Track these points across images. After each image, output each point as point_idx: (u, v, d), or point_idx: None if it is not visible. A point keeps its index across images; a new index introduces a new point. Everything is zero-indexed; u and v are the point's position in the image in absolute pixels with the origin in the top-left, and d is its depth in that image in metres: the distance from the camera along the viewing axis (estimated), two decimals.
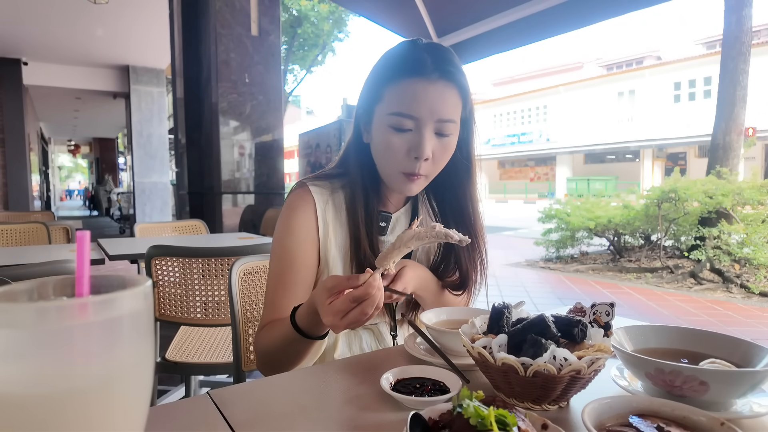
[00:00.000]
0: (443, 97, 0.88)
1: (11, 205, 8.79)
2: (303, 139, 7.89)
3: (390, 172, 0.94)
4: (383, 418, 0.59)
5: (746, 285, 4.81)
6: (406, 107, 0.88)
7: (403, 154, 0.90)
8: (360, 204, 0.97)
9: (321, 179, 1.04)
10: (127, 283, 0.37)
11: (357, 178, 0.99)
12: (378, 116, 0.92)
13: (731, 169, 5.97)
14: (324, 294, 0.75)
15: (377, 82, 0.93)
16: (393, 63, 0.92)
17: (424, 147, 0.88)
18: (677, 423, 0.50)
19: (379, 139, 0.93)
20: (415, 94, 0.87)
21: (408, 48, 0.92)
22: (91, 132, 18.97)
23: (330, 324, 0.74)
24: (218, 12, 4.30)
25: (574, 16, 2.21)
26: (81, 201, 30.86)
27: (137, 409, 0.38)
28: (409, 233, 0.75)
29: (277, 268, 0.97)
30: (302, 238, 0.97)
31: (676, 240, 6.06)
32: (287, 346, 0.86)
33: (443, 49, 0.92)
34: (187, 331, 1.98)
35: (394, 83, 0.89)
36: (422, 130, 0.88)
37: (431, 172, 0.94)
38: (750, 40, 6.01)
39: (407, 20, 2.85)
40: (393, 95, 0.89)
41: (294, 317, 0.84)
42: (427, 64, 0.88)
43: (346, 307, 0.72)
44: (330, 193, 1.02)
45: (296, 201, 1.00)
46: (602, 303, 0.73)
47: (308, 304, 0.81)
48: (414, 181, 0.92)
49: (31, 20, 6.81)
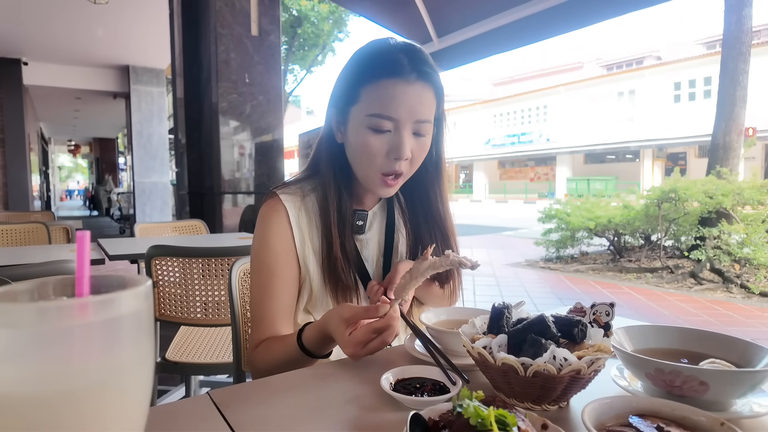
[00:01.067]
0: (421, 98, 0.88)
1: (11, 205, 8.79)
2: (303, 139, 7.90)
3: (367, 173, 0.93)
4: (383, 418, 0.59)
5: (746, 285, 4.81)
6: (384, 108, 0.87)
7: (382, 156, 0.90)
8: (333, 204, 0.97)
9: (290, 185, 1.02)
10: (127, 283, 0.38)
11: (329, 178, 0.97)
12: (354, 117, 0.91)
13: (731, 169, 5.97)
14: (342, 325, 0.76)
15: (352, 82, 0.92)
16: (369, 63, 0.91)
17: (403, 148, 0.88)
18: (677, 423, 0.50)
19: (357, 140, 0.92)
20: (394, 95, 0.87)
21: (383, 48, 0.91)
22: (91, 132, 18.97)
23: (351, 354, 0.75)
24: (218, 12, 4.30)
25: (574, 17, 2.21)
26: (81, 201, 30.87)
27: (137, 409, 0.38)
28: (426, 264, 0.76)
29: (259, 282, 0.96)
30: (279, 250, 0.96)
31: (676, 240, 6.06)
32: (291, 364, 0.86)
33: (418, 50, 0.91)
34: (187, 331, 1.98)
35: (371, 84, 0.88)
36: (401, 131, 0.88)
37: (408, 172, 0.94)
38: (750, 40, 6.01)
39: (407, 20, 2.85)
40: (370, 96, 0.89)
41: (301, 338, 0.84)
42: (404, 64, 0.87)
43: (368, 338, 0.74)
44: (301, 199, 1.00)
45: (268, 213, 0.98)
46: (602, 303, 0.73)
47: (318, 328, 0.82)
48: (391, 184, 0.93)
49: (31, 20, 6.81)
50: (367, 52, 0.93)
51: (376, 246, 1.05)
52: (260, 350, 0.93)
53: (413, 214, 1.05)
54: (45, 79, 9.19)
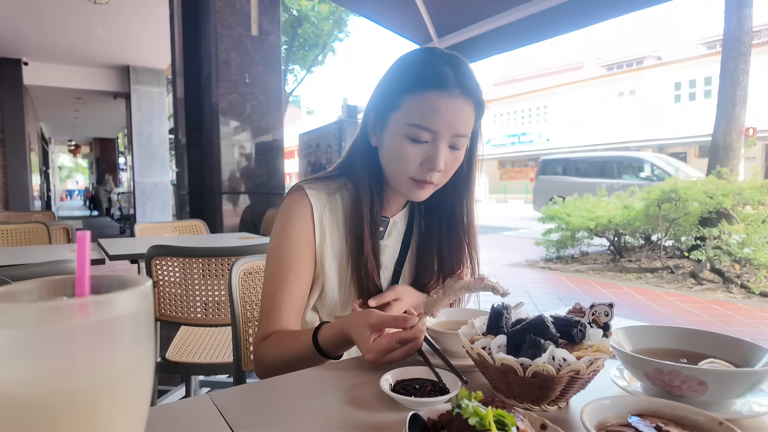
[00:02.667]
0: (462, 113, 0.89)
1: (11, 205, 8.80)
2: (303, 139, 7.89)
3: (400, 178, 0.94)
4: (383, 419, 0.60)
5: (746, 285, 4.81)
6: (425, 120, 0.88)
7: (416, 164, 0.91)
8: (366, 207, 0.97)
9: (318, 182, 1.03)
10: (127, 283, 0.38)
11: (363, 180, 0.98)
12: (393, 124, 0.92)
13: (731, 169, 5.97)
14: (366, 330, 0.76)
15: (394, 89, 0.92)
16: (413, 72, 0.91)
17: (439, 159, 0.89)
18: (676, 423, 0.51)
19: (393, 147, 0.93)
20: (436, 108, 0.87)
21: (428, 58, 0.91)
22: (91, 132, 18.97)
23: (372, 360, 0.75)
24: (218, 12, 4.30)
25: (574, 17, 2.21)
26: (81, 201, 30.87)
27: (137, 409, 0.38)
28: (460, 284, 0.77)
29: (275, 274, 0.96)
30: (300, 244, 0.96)
31: (677, 240, 6.06)
32: (300, 362, 0.85)
33: (463, 63, 0.92)
34: (187, 331, 1.98)
35: (413, 94, 0.89)
36: (438, 144, 0.89)
37: (440, 182, 0.95)
38: (750, 40, 6.01)
39: (407, 20, 2.85)
40: (412, 106, 0.89)
41: (316, 337, 0.84)
42: (449, 78, 0.87)
43: (391, 347, 0.74)
44: (327, 197, 1.00)
45: (293, 206, 0.99)
46: (601, 303, 0.73)
47: (337, 330, 0.82)
48: (424, 188, 0.94)
49: (32, 20, 6.81)
50: (412, 61, 0.93)
51: (391, 254, 1.05)
52: (269, 343, 0.92)
53: (435, 225, 1.05)
54: (45, 79, 9.20)
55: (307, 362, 0.84)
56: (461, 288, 0.76)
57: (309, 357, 0.84)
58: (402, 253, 1.06)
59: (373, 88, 0.99)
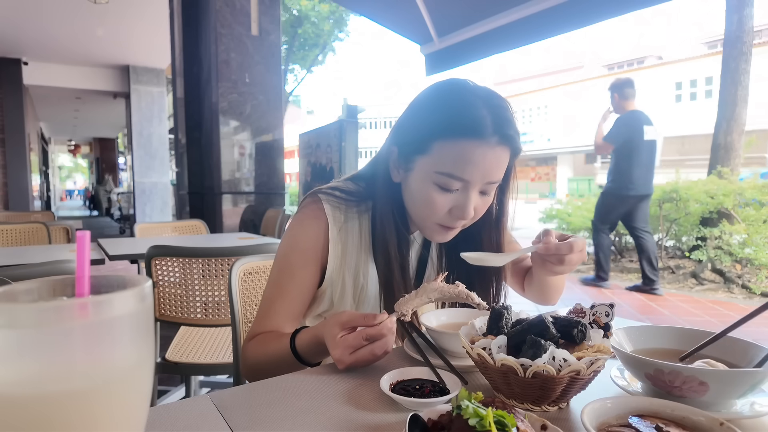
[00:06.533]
0: (498, 162, 0.83)
1: (11, 205, 8.80)
2: (303, 139, 7.88)
3: (425, 223, 0.91)
4: (383, 420, 0.60)
5: (747, 285, 4.81)
6: (457, 170, 0.82)
7: (444, 212, 0.86)
8: (393, 246, 0.92)
9: (338, 198, 0.97)
10: (127, 283, 0.38)
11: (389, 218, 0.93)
12: (421, 169, 0.86)
13: (732, 169, 5.96)
14: (336, 327, 0.74)
15: (424, 131, 0.84)
16: (446, 115, 0.82)
17: (468, 209, 0.84)
18: (677, 423, 0.50)
19: (420, 193, 0.87)
20: (471, 159, 0.81)
21: (465, 101, 0.83)
22: (91, 132, 18.98)
23: (338, 358, 0.72)
24: (218, 12, 4.30)
25: (574, 17, 2.21)
26: (81, 201, 30.88)
27: (137, 410, 0.38)
28: (434, 285, 0.76)
29: (278, 280, 0.95)
30: (308, 257, 0.95)
31: (678, 240, 6.06)
32: (280, 365, 0.84)
33: (502, 105, 0.84)
34: (187, 332, 1.98)
35: (446, 140, 0.82)
36: (469, 192, 0.84)
37: (467, 224, 0.92)
38: (751, 39, 6.00)
39: (407, 20, 2.85)
40: (444, 153, 0.82)
41: (294, 341, 0.82)
42: (486, 124, 0.80)
43: (358, 344, 0.71)
44: (344, 216, 0.96)
45: (308, 218, 0.95)
46: (602, 304, 0.73)
47: (313, 333, 0.80)
48: (449, 232, 0.90)
49: (32, 20, 6.82)
50: (445, 100, 0.85)
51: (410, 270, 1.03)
52: (254, 343, 0.92)
53: (463, 264, 0.91)
54: (45, 79, 9.20)
55: (286, 366, 0.82)
56: (434, 291, 0.75)
57: (287, 362, 0.82)
58: (419, 272, 1.04)
59: (396, 120, 0.93)
